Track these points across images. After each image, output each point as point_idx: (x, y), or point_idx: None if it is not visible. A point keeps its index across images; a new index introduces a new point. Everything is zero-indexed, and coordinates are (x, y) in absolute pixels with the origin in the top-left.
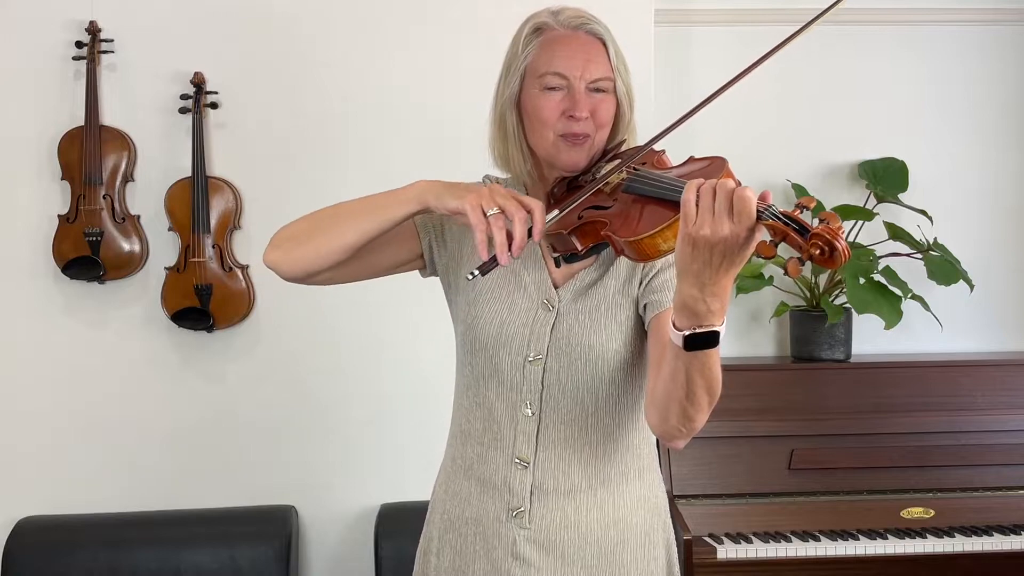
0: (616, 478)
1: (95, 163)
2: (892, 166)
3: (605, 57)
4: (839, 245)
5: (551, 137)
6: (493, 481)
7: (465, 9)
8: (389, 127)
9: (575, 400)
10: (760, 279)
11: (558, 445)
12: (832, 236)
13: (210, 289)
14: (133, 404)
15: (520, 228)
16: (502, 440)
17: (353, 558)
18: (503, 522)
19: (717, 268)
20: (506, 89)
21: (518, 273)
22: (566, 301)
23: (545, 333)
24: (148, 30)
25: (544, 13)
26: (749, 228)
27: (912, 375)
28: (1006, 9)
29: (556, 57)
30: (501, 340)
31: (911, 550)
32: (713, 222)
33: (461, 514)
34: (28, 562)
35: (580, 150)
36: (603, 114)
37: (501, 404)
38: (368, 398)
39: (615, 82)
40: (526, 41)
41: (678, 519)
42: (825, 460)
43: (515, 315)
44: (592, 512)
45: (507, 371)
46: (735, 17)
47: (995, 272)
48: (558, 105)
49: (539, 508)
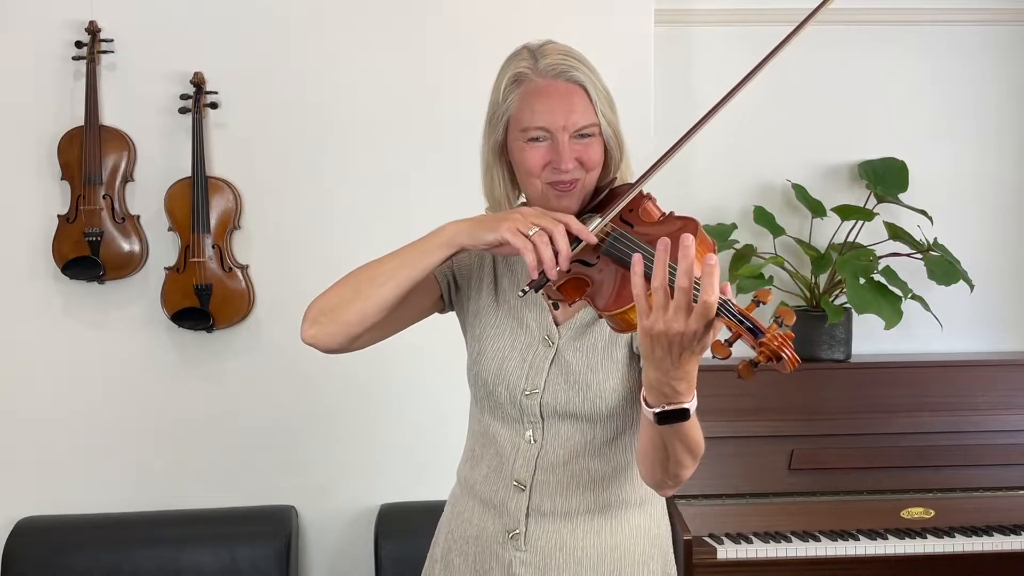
0: (616, 505)
1: (95, 163)
2: (892, 166)
3: (588, 103)
4: (785, 355)
5: (539, 186)
6: (492, 502)
7: (465, 9)
8: (389, 127)
9: (576, 429)
10: (760, 279)
11: (557, 470)
12: (779, 345)
13: (210, 289)
14: (133, 404)
15: (562, 240)
16: (505, 464)
17: (353, 558)
18: (500, 543)
19: (677, 357)
20: (491, 137)
21: (521, 313)
22: (566, 338)
23: (544, 368)
24: (148, 30)
25: (524, 56)
26: (704, 325)
27: (912, 375)
28: (1006, 9)
29: (537, 112)
30: (500, 376)
31: (911, 550)
32: (667, 319)
33: (464, 533)
34: (28, 562)
35: (570, 196)
36: (590, 158)
37: (504, 431)
38: (368, 398)
39: (599, 126)
40: (507, 92)
41: (678, 519)
42: (825, 460)
43: (516, 351)
44: (589, 537)
45: (506, 404)
46: (735, 17)
47: (995, 272)
48: (543, 156)
49: (535, 530)
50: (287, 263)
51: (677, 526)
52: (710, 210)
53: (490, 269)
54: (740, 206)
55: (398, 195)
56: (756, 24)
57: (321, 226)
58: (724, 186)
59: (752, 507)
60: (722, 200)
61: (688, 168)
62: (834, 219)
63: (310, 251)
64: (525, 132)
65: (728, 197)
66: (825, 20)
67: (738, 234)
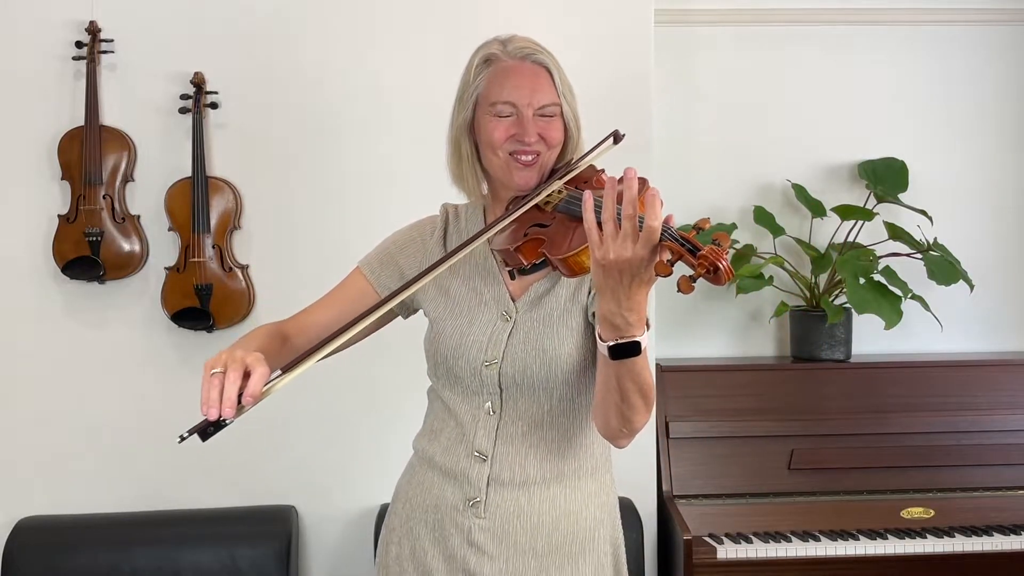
0: (570, 474)
1: (95, 163)
2: (892, 166)
3: (551, 84)
4: (722, 266)
5: (502, 157)
6: (454, 472)
7: (464, 10)
8: (388, 127)
9: (532, 399)
10: (760, 279)
11: (516, 440)
12: (716, 257)
13: (210, 289)
14: (133, 404)
15: (230, 387)
16: (465, 435)
17: (353, 558)
18: (460, 511)
19: (628, 286)
20: (460, 115)
21: (479, 290)
22: (522, 312)
23: (502, 341)
24: (148, 30)
25: (494, 43)
26: (650, 250)
27: (912, 375)
28: (1006, 9)
29: (505, 87)
30: (460, 351)
31: (911, 550)
32: (616, 247)
33: (422, 502)
34: (28, 562)
35: (531, 171)
36: (551, 136)
37: (465, 405)
38: (368, 398)
39: (561, 107)
40: (477, 71)
41: (678, 519)
42: (825, 460)
43: (475, 328)
44: (544, 504)
45: (466, 377)
46: (735, 17)
47: (995, 272)
48: (508, 129)
49: (494, 498)
50: (287, 263)
51: (677, 526)
52: (710, 210)
53: (439, 240)
54: (740, 206)
55: (398, 195)
56: (756, 24)
57: (321, 226)
58: (724, 186)
59: (752, 507)
60: (722, 200)
61: (688, 168)
62: (834, 219)
63: (310, 251)
64: (493, 107)
65: (728, 197)
66: (825, 20)
67: (738, 234)
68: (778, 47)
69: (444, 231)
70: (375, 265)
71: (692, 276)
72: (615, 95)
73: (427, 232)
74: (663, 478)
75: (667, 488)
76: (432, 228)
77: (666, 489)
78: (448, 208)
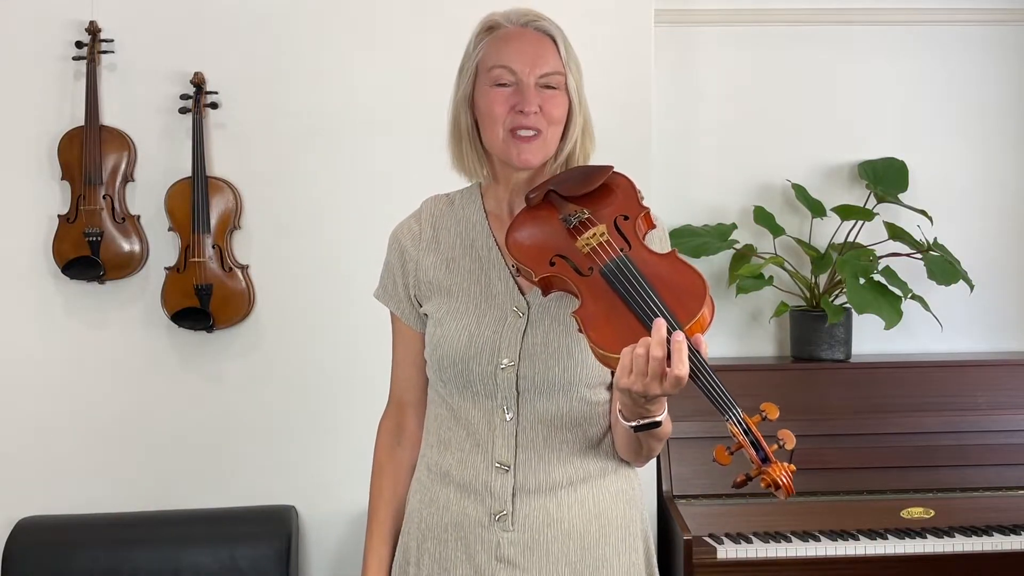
0: (596, 474)
1: (95, 163)
2: (892, 166)
3: (555, 53)
4: (783, 482)
5: (502, 133)
6: (474, 486)
7: (465, 10)
8: (389, 127)
9: (551, 401)
10: (760, 279)
11: (538, 446)
12: (780, 475)
13: (210, 289)
14: (133, 404)
15: None
16: (482, 446)
17: (353, 558)
18: (485, 526)
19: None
20: (459, 88)
21: (483, 283)
22: (535, 306)
23: (516, 340)
24: (148, 30)
25: (497, 14)
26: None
27: (912, 375)
28: (1006, 9)
29: (505, 51)
30: (471, 352)
31: (911, 550)
32: (645, 384)
33: (439, 521)
34: (28, 562)
35: (531, 147)
36: (553, 110)
37: (478, 412)
38: (368, 398)
39: (566, 78)
40: (478, 40)
41: (678, 519)
42: (825, 460)
43: (484, 326)
44: (574, 508)
45: (479, 381)
46: (735, 17)
47: (995, 272)
48: (507, 99)
49: (522, 509)
50: (287, 263)
51: (677, 526)
52: (710, 210)
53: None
54: (740, 206)
55: (398, 195)
56: (756, 24)
57: (321, 226)
58: (724, 186)
59: (752, 507)
60: (722, 200)
61: (688, 168)
62: (834, 219)
63: (310, 251)
64: (491, 73)
65: (728, 197)
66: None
67: (738, 234)
68: (778, 47)
69: (434, 227)
70: (391, 302)
71: (747, 476)
72: (615, 95)
73: (408, 243)
74: (663, 478)
75: (667, 488)
76: (417, 233)
77: (666, 489)
78: (435, 200)
